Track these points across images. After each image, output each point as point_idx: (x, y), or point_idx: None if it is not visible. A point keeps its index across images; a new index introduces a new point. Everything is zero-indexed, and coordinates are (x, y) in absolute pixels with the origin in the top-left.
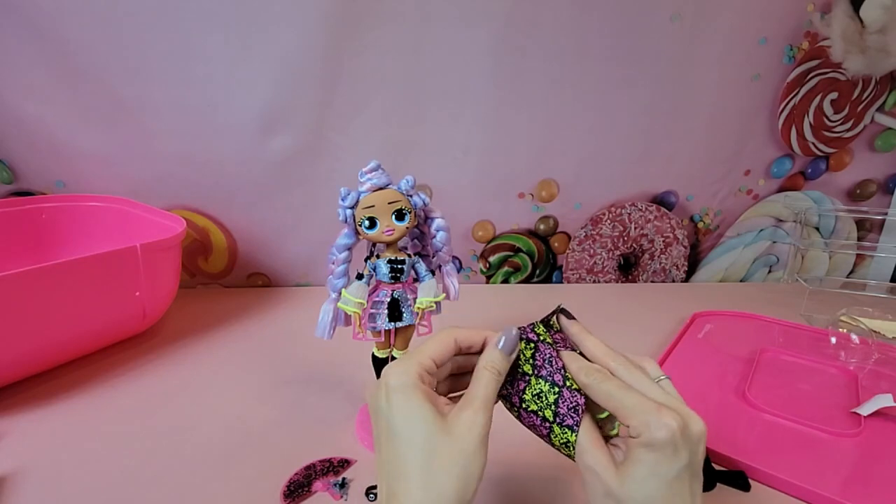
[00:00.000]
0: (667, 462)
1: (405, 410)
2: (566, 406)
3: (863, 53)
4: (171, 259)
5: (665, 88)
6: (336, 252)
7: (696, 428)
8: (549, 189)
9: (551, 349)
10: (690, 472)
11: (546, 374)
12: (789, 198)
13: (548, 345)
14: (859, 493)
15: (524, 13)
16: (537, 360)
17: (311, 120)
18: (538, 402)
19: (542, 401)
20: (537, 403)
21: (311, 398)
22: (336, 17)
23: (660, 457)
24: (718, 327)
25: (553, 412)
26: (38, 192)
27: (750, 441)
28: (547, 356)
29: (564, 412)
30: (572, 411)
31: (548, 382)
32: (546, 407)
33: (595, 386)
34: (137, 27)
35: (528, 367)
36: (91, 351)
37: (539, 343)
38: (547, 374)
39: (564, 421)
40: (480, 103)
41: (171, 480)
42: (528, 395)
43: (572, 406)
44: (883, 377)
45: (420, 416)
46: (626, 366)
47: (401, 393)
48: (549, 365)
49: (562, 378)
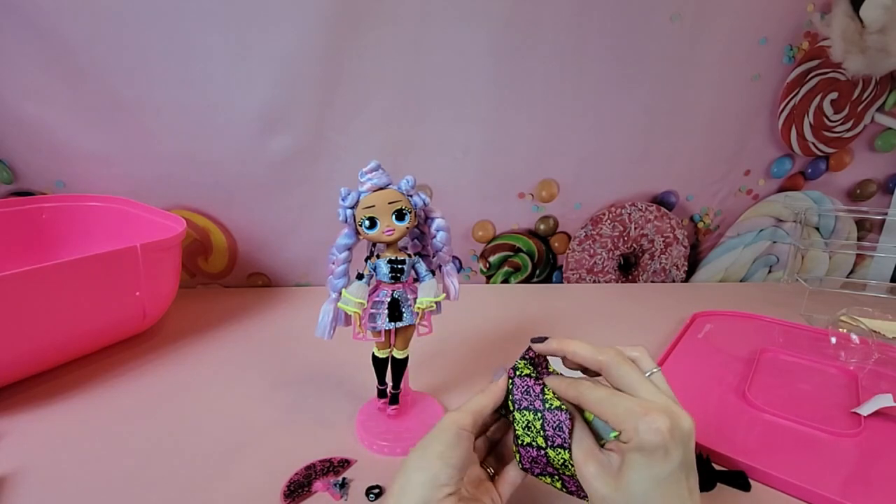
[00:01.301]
0: (660, 463)
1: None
2: (551, 428)
3: (863, 53)
4: (172, 259)
5: (665, 88)
6: (336, 252)
7: (686, 425)
8: (549, 189)
9: (530, 379)
10: (684, 469)
11: (527, 405)
12: (789, 198)
13: (525, 377)
14: (859, 493)
15: (524, 13)
16: (515, 394)
17: (311, 120)
18: (529, 433)
19: (532, 430)
20: (529, 435)
21: (311, 398)
22: (336, 17)
23: (652, 459)
24: (718, 327)
25: (543, 437)
26: (38, 192)
27: (750, 441)
28: (523, 388)
29: (552, 433)
30: (558, 430)
31: (530, 411)
32: (536, 435)
33: (583, 396)
34: (137, 27)
35: (511, 405)
36: (91, 351)
37: (515, 378)
38: (528, 404)
39: (554, 442)
40: (480, 103)
41: (171, 480)
42: (518, 429)
43: (556, 425)
44: (883, 377)
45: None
46: (617, 359)
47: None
48: (528, 395)
49: (541, 403)
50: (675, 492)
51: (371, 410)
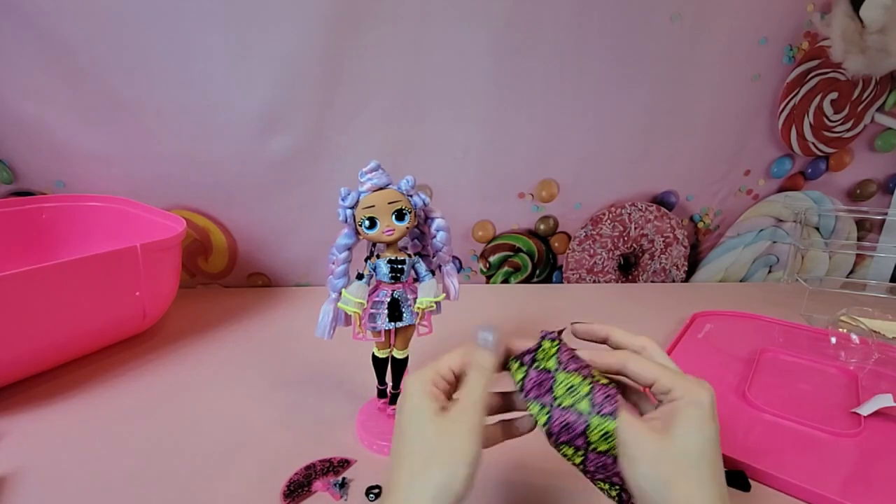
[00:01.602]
0: (709, 422)
1: (409, 409)
2: (602, 395)
3: (863, 53)
4: (171, 259)
5: (665, 88)
6: (336, 252)
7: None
8: (549, 189)
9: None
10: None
11: (574, 369)
12: (789, 198)
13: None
14: (859, 493)
15: (524, 13)
16: (561, 357)
17: (311, 120)
18: (571, 395)
19: (576, 394)
20: (571, 397)
21: (311, 398)
22: (336, 17)
23: (704, 415)
24: (718, 327)
25: (590, 402)
26: (38, 192)
27: (750, 441)
28: (570, 354)
29: (601, 401)
30: (608, 399)
31: (578, 375)
32: (580, 399)
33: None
34: (137, 27)
35: (553, 363)
36: (91, 351)
37: (562, 344)
38: (574, 368)
39: (603, 409)
40: (480, 103)
41: (171, 480)
42: (559, 390)
43: (608, 395)
44: (883, 377)
45: (420, 413)
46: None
47: (411, 394)
48: (575, 362)
49: (589, 373)
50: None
51: (371, 410)
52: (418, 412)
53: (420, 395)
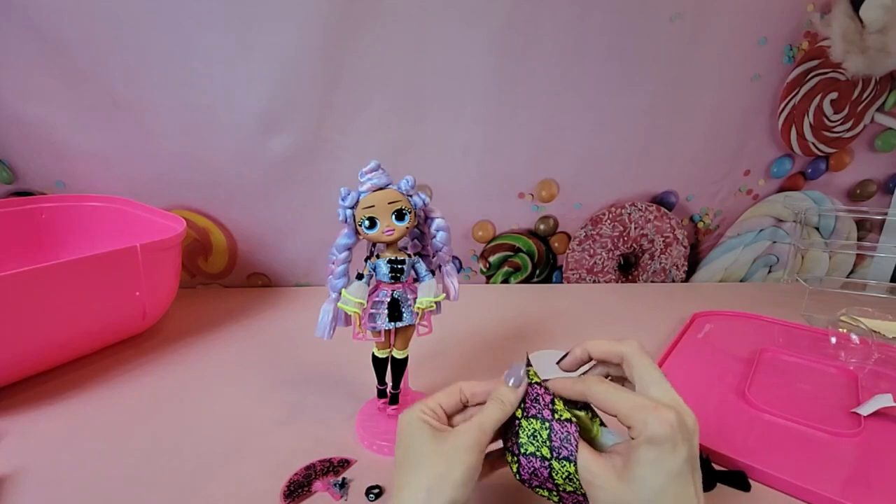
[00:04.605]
0: (669, 457)
1: (407, 431)
2: (559, 439)
3: (863, 53)
4: (171, 259)
5: (665, 88)
6: (336, 252)
7: (690, 422)
8: (549, 189)
9: (539, 387)
10: (691, 465)
11: (535, 413)
12: (789, 198)
13: (535, 384)
14: (859, 493)
15: (524, 13)
16: (526, 402)
17: (311, 120)
18: (534, 442)
19: (537, 440)
20: (533, 444)
21: (311, 398)
22: (336, 16)
23: (662, 452)
24: (718, 327)
25: (549, 448)
26: (38, 192)
27: (750, 441)
28: (534, 395)
29: (558, 445)
30: (565, 442)
31: (538, 420)
32: (542, 445)
33: (590, 390)
34: (137, 27)
35: (519, 412)
36: (91, 351)
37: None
38: (536, 412)
39: (560, 454)
40: (480, 103)
41: (171, 480)
42: (523, 438)
43: (564, 437)
44: (883, 377)
45: (418, 432)
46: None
47: (407, 422)
48: (538, 403)
49: (550, 413)
50: (683, 486)
51: (371, 410)
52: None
53: (417, 422)
